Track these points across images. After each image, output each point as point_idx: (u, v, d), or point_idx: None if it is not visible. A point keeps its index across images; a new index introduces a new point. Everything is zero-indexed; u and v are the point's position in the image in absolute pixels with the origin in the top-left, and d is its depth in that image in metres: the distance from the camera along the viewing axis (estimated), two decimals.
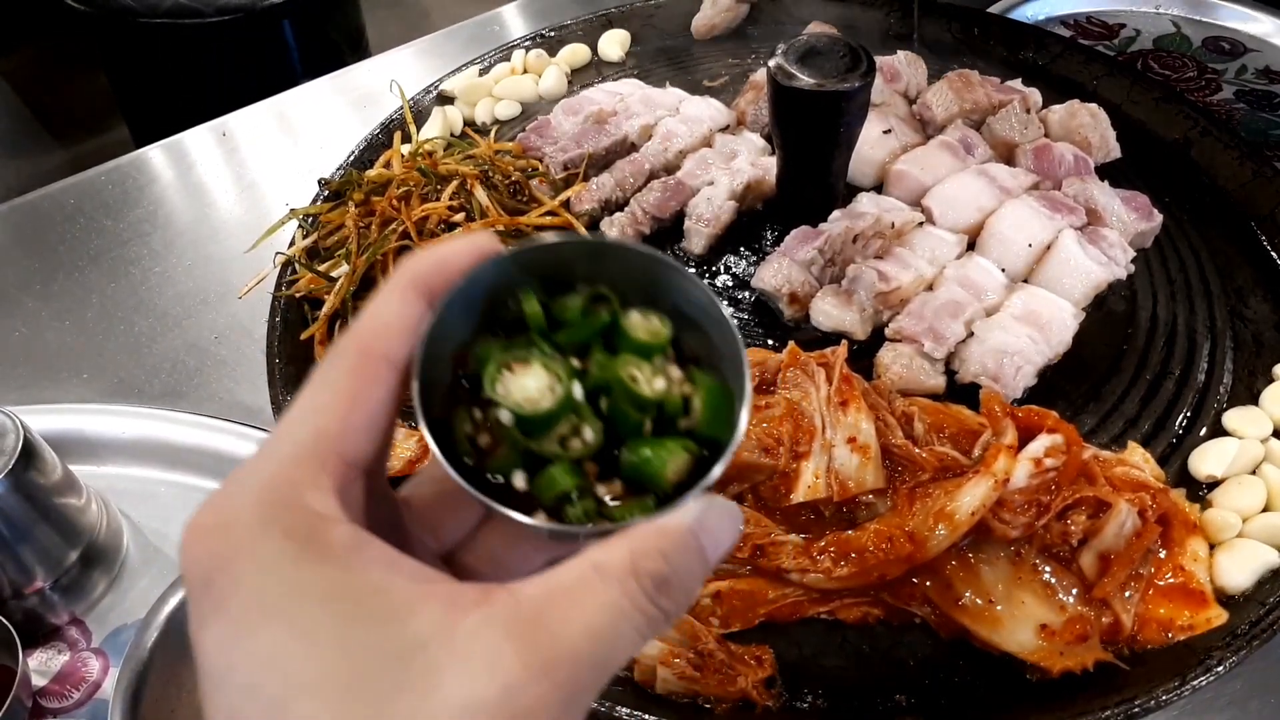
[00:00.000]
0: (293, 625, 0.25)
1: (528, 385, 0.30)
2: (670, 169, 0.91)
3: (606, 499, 0.31)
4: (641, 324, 0.32)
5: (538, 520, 0.30)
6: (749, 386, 0.31)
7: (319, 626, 0.25)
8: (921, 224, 0.83)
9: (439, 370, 0.31)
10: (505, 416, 0.30)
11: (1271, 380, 0.74)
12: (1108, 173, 0.90)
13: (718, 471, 0.30)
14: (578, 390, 0.31)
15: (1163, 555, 0.61)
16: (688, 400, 0.32)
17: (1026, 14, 1.27)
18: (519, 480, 0.31)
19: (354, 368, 0.29)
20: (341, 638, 0.25)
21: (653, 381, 0.32)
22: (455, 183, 0.84)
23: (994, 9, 1.24)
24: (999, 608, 0.58)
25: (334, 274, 0.81)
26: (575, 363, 0.32)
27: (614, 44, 1.09)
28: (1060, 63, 1.04)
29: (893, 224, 0.81)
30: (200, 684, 0.27)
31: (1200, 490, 0.67)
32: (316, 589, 0.26)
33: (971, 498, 0.58)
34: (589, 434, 0.31)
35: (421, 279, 0.30)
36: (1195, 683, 0.55)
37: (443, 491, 0.34)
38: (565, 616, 0.26)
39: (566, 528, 0.30)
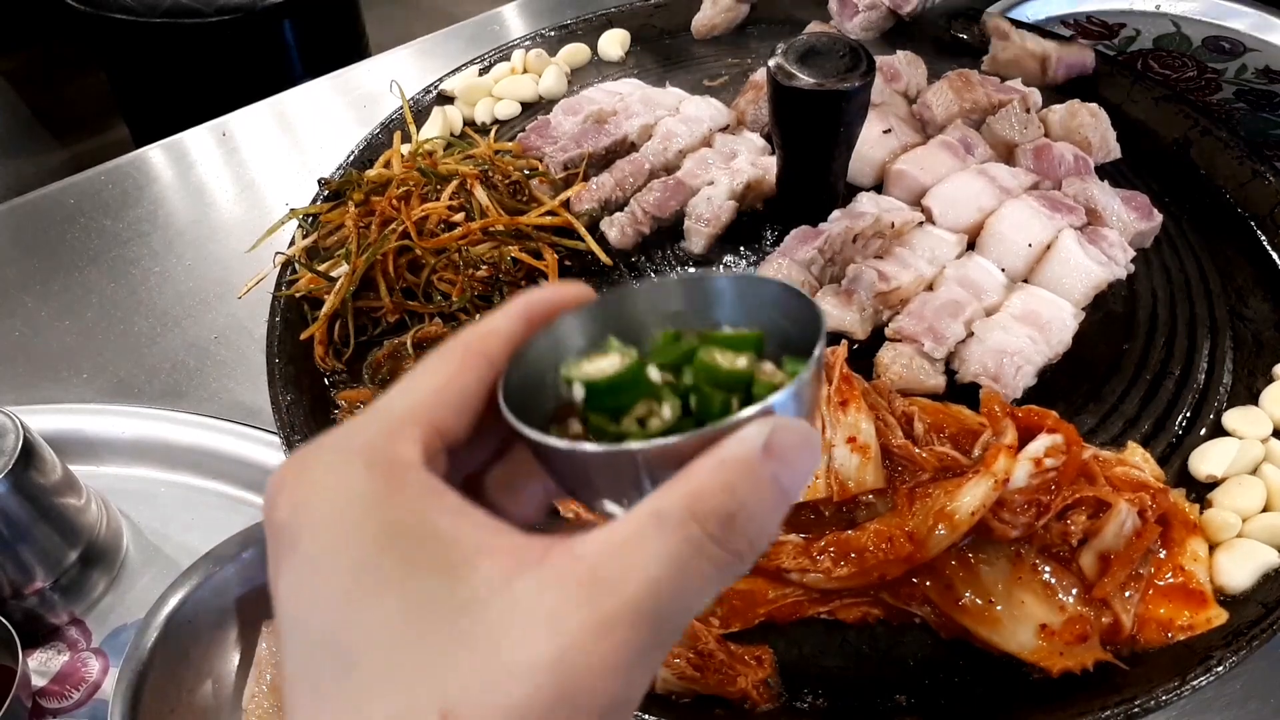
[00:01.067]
0: (362, 571, 0.25)
1: (600, 364, 0.31)
2: (670, 169, 0.91)
3: None
4: (730, 331, 0.33)
5: (587, 444, 0.28)
6: (821, 343, 0.30)
7: (386, 571, 0.25)
8: (921, 224, 0.83)
9: (542, 396, 0.33)
10: (578, 391, 0.31)
11: (1271, 380, 0.74)
12: (1107, 172, 0.90)
13: (786, 389, 0.28)
14: (654, 373, 0.31)
15: (1162, 555, 0.61)
16: (778, 388, 0.31)
17: (1027, 14, 1.27)
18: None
19: (453, 358, 0.31)
20: (406, 585, 0.25)
21: (736, 361, 0.31)
22: (455, 183, 0.84)
23: (994, 8, 1.24)
24: (999, 608, 0.58)
25: (334, 274, 0.81)
26: (671, 376, 0.32)
27: (614, 44, 1.09)
28: None
29: (893, 224, 0.81)
30: (278, 630, 0.27)
31: (1200, 490, 0.67)
32: (386, 529, 0.26)
33: (971, 498, 0.58)
34: (666, 412, 0.30)
35: (528, 302, 0.33)
36: (1195, 683, 0.55)
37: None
38: (624, 572, 0.25)
39: (615, 446, 0.28)
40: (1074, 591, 0.59)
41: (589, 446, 0.28)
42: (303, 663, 0.26)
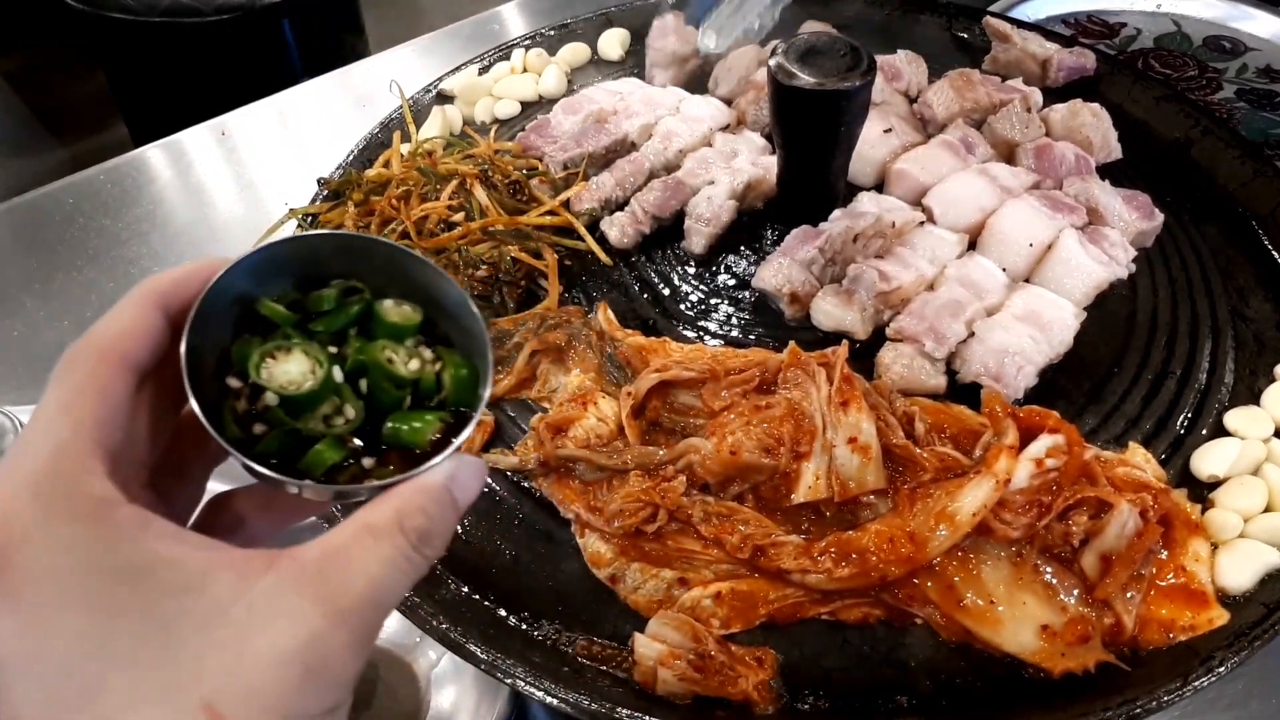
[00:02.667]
0: (96, 605, 0.27)
1: (290, 370, 0.35)
2: (670, 168, 0.91)
3: (367, 467, 0.35)
4: (394, 310, 0.38)
5: (319, 485, 0.34)
6: (490, 362, 0.37)
7: (122, 603, 0.28)
8: (922, 223, 0.83)
9: (206, 373, 0.35)
10: (271, 399, 0.34)
11: (1273, 380, 0.73)
12: (1108, 172, 0.90)
13: (465, 434, 0.36)
14: (338, 373, 0.35)
15: (1164, 556, 0.61)
16: (440, 378, 0.37)
17: (1027, 13, 1.27)
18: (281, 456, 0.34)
19: (94, 369, 0.32)
20: (147, 610, 0.28)
21: (408, 362, 0.37)
22: (455, 182, 0.84)
23: (994, 8, 1.24)
24: (1000, 609, 0.58)
25: None
26: (333, 349, 0.36)
27: (614, 43, 1.09)
28: None
29: (893, 223, 0.80)
30: (1, 675, 0.28)
31: (1202, 490, 0.67)
32: (112, 568, 0.28)
33: (973, 498, 0.58)
34: (350, 412, 0.35)
35: (157, 292, 0.34)
36: (1197, 683, 0.55)
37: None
38: (349, 571, 0.31)
39: (348, 488, 0.34)
40: (1075, 592, 0.58)
41: (326, 488, 0.34)
42: (41, 699, 0.27)
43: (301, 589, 0.29)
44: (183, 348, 0.33)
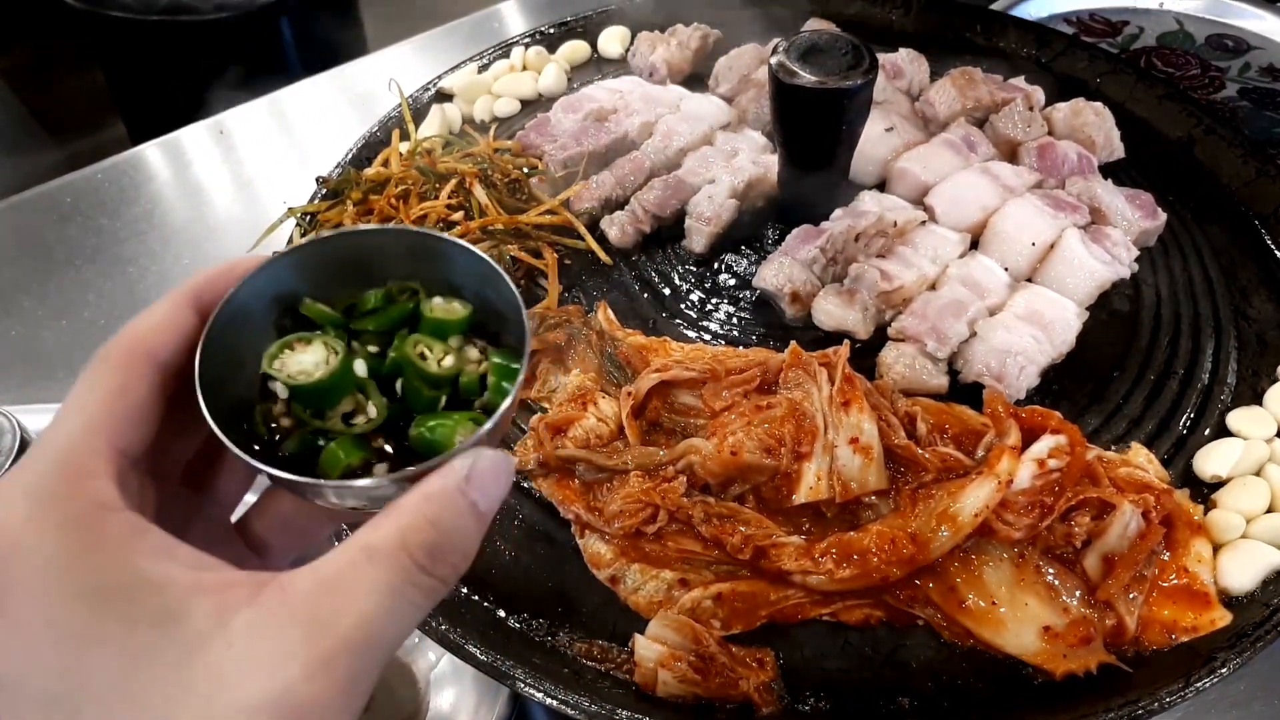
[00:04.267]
0: (75, 632, 0.26)
1: (303, 360, 0.32)
2: (671, 167, 0.90)
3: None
4: (440, 306, 0.35)
5: (292, 475, 0.30)
6: (525, 362, 0.33)
7: (100, 631, 0.26)
8: (924, 222, 0.83)
9: (244, 371, 0.33)
10: (281, 390, 0.32)
11: (1275, 380, 0.73)
12: (1110, 171, 0.90)
13: (483, 430, 0.31)
14: (360, 368, 0.33)
15: (1166, 557, 0.61)
16: (484, 380, 0.34)
17: (1029, 11, 1.26)
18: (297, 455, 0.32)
19: (118, 365, 0.31)
20: (122, 642, 0.26)
21: (443, 359, 0.33)
22: (454, 181, 0.83)
23: (996, 6, 1.23)
24: (1002, 610, 0.57)
25: None
26: (373, 349, 0.34)
27: (614, 41, 1.08)
28: (1063, 60, 1.03)
29: (895, 222, 0.80)
30: None
31: (1204, 491, 0.67)
32: (94, 588, 0.26)
33: (975, 499, 0.58)
34: (372, 410, 0.32)
35: (193, 291, 0.32)
36: (1199, 684, 0.55)
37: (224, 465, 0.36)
38: (337, 607, 0.27)
39: (308, 480, 0.30)
40: (1078, 593, 0.58)
41: (310, 481, 0.30)
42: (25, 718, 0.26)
43: (283, 628, 0.26)
44: (199, 344, 0.32)
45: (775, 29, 1.03)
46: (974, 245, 0.82)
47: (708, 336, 0.77)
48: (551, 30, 1.09)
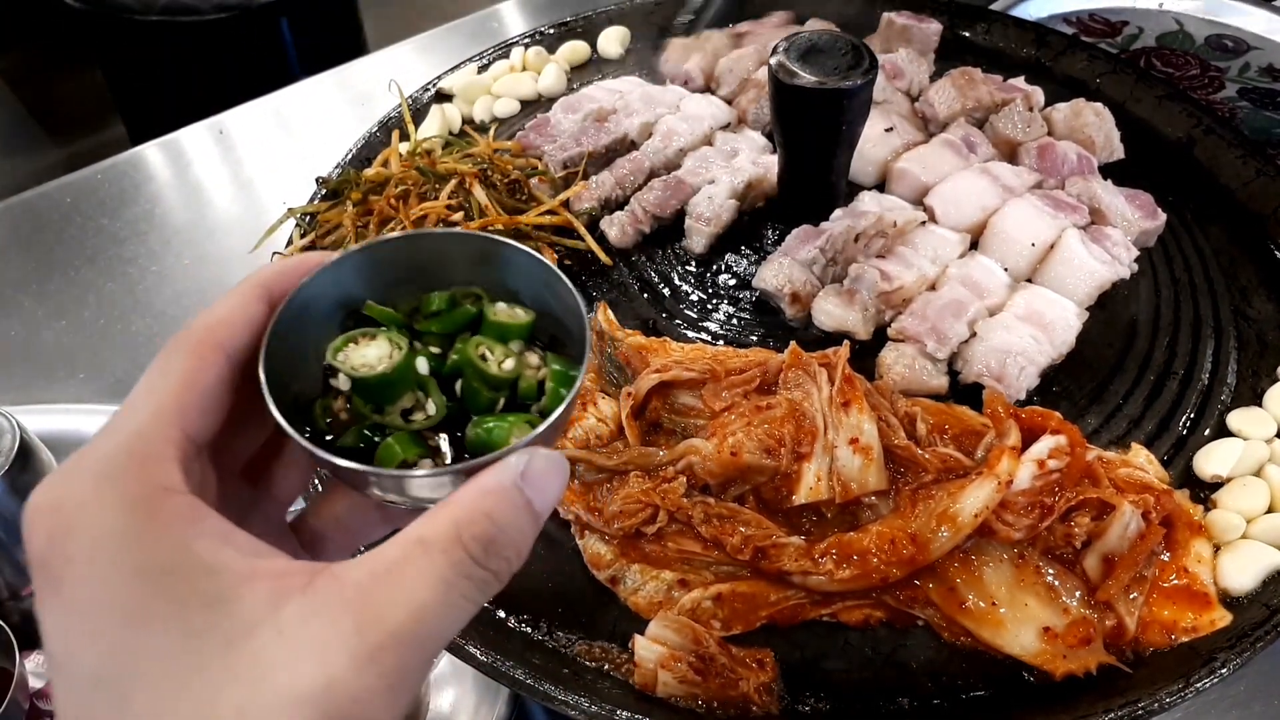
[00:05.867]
0: (129, 610, 0.26)
1: (367, 354, 0.33)
2: (671, 167, 0.90)
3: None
4: (504, 311, 0.35)
5: (353, 463, 0.31)
6: (585, 367, 0.33)
7: (154, 610, 0.26)
8: (924, 223, 0.83)
9: (307, 367, 0.34)
10: (343, 382, 0.33)
11: (1275, 380, 0.73)
12: (1110, 171, 0.89)
13: (539, 430, 0.31)
14: (423, 365, 0.33)
15: (1166, 557, 0.61)
16: (542, 385, 0.35)
17: (1029, 11, 1.26)
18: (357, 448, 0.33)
19: (189, 354, 0.31)
20: (177, 622, 0.26)
21: (503, 362, 0.34)
22: (454, 182, 0.83)
23: (996, 6, 1.23)
24: (1002, 610, 0.57)
25: None
26: (435, 350, 0.34)
27: (614, 41, 1.08)
28: (1063, 60, 1.03)
29: (895, 223, 0.80)
30: (48, 668, 0.27)
31: (1204, 491, 0.67)
32: (150, 567, 0.26)
33: (975, 499, 0.58)
34: (431, 408, 0.33)
35: (264, 284, 0.33)
36: (1199, 685, 0.55)
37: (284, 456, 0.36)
38: (389, 599, 0.26)
39: (365, 468, 0.31)
40: (1077, 594, 0.58)
41: (370, 470, 0.31)
42: (76, 700, 0.26)
43: (335, 617, 0.26)
44: (265, 336, 0.32)
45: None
46: (974, 245, 0.82)
47: (707, 337, 0.77)
48: (551, 30, 1.09)
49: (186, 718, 0.25)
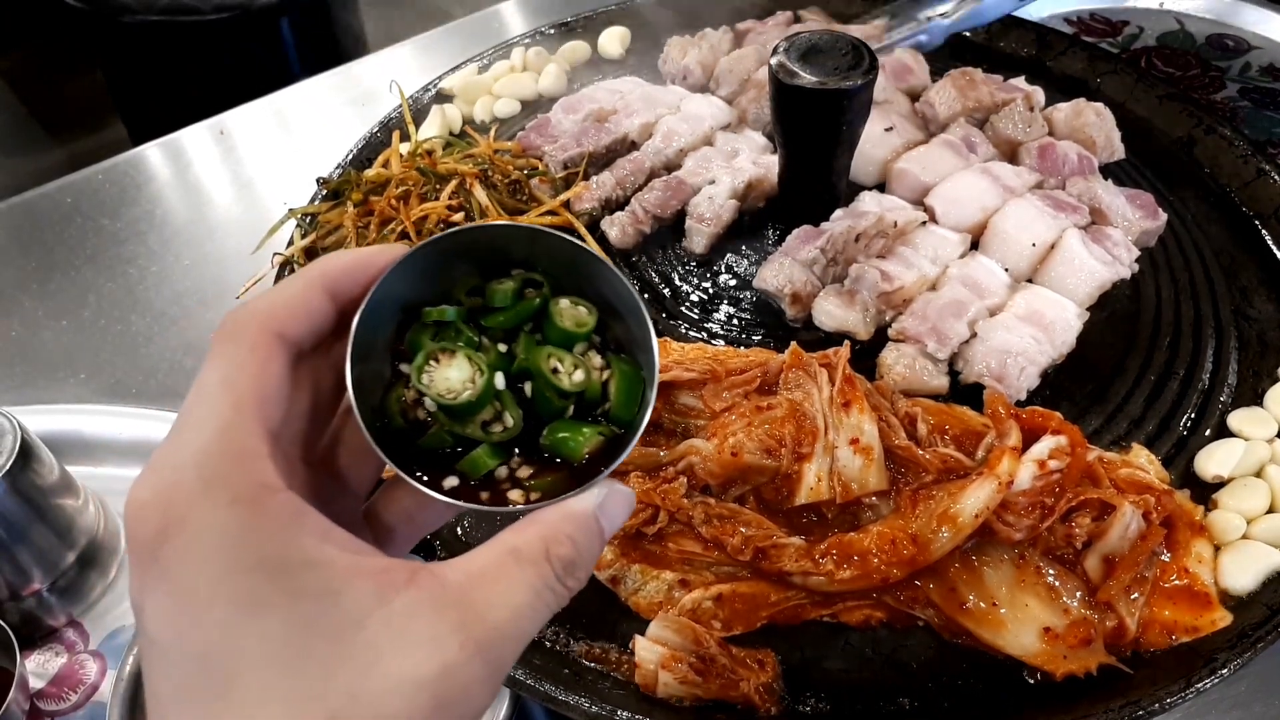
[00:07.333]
0: (240, 599, 0.27)
1: (450, 376, 0.34)
2: (671, 167, 0.90)
3: (522, 477, 0.35)
4: (569, 312, 0.36)
5: (470, 502, 0.33)
6: (656, 374, 0.35)
7: (265, 599, 0.27)
8: (924, 223, 0.83)
9: (372, 359, 0.34)
10: (430, 405, 0.34)
11: (1276, 381, 0.73)
12: (1111, 171, 0.90)
13: (619, 459, 0.34)
14: (499, 380, 0.35)
15: (1167, 557, 0.61)
16: (606, 386, 0.36)
17: (1029, 11, 1.26)
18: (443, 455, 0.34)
19: (255, 344, 0.31)
20: (285, 612, 0.27)
21: (573, 373, 0.36)
22: (454, 182, 0.83)
23: None
24: (1002, 611, 0.57)
25: None
26: (502, 347, 0.36)
27: (614, 41, 1.08)
28: (1063, 60, 1.03)
29: (895, 223, 0.80)
30: (141, 648, 0.28)
31: (1205, 491, 0.67)
32: (261, 561, 0.27)
33: (975, 500, 0.58)
34: (509, 420, 0.35)
35: (327, 276, 0.33)
36: (1199, 685, 0.55)
37: (353, 447, 0.37)
38: (490, 599, 0.29)
39: (496, 509, 0.33)
40: (1078, 594, 0.58)
41: (496, 509, 0.33)
42: (178, 682, 0.27)
43: (442, 612, 0.28)
44: (350, 339, 0.32)
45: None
46: (974, 246, 0.82)
47: (708, 337, 0.77)
48: (551, 30, 1.09)
49: (295, 697, 0.26)
